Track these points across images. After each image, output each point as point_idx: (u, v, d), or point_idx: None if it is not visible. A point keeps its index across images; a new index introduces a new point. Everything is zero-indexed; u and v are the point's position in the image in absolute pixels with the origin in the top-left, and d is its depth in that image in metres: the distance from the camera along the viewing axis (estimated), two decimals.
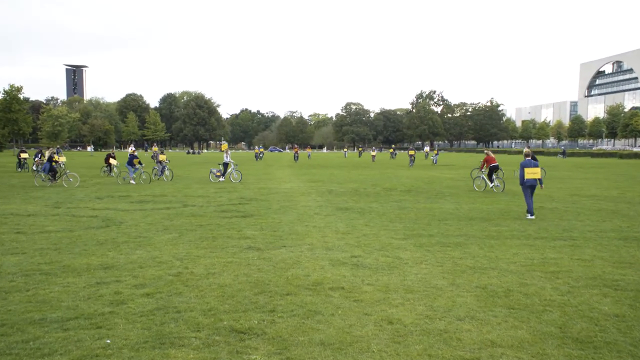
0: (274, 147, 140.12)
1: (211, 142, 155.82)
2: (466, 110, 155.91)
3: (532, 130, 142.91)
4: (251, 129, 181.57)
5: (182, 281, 6.73)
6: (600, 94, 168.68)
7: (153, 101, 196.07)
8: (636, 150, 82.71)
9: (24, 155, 33.42)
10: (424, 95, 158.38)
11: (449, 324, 5.24)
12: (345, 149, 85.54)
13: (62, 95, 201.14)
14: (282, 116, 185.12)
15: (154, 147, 64.49)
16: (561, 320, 5.35)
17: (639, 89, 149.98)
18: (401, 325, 5.20)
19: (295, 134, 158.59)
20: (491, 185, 19.91)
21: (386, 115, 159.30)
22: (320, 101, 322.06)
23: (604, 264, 7.80)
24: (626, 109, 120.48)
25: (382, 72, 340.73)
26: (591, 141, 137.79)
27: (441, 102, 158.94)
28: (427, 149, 65.01)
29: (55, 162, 22.96)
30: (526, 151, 13.19)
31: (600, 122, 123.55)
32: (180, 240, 9.58)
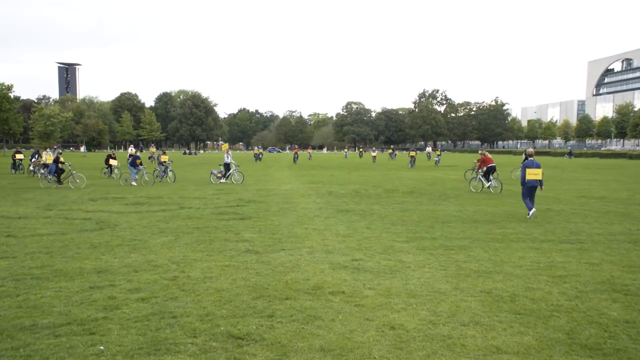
0: (272, 148, 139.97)
1: (208, 142, 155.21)
2: (470, 110, 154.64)
3: (538, 130, 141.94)
4: (249, 129, 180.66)
5: (178, 285, 6.60)
6: (609, 93, 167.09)
7: (148, 100, 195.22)
8: None
9: (19, 156, 32.95)
10: (426, 94, 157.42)
11: (452, 329, 5.13)
12: (346, 150, 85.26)
13: (54, 94, 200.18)
14: (281, 116, 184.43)
15: (152, 148, 63.48)
16: (569, 326, 5.22)
17: None
18: (403, 330, 5.09)
19: (294, 134, 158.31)
20: (487, 185, 19.83)
21: (388, 115, 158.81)
22: (320, 100, 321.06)
23: (613, 268, 7.65)
24: (636, 108, 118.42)
25: (384, 71, 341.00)
26: (599, 141, 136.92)
27: (444, 102, 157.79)
28: (429, 149, 64.69)
29: (62, 163, 22.75)
30: (529, 151, 13.03)
31: (609, 121, 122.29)
32: (177, 243, 9.44)
